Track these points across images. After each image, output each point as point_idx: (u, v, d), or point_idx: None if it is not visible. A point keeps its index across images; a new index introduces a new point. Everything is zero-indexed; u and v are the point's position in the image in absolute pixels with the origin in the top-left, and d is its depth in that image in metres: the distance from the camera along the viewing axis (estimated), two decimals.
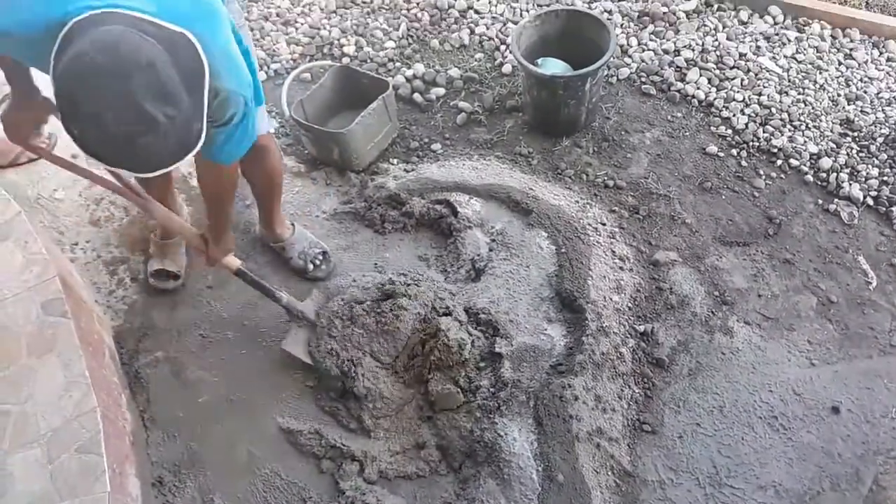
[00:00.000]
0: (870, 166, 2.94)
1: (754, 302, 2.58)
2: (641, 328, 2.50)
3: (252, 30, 3.83)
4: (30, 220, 2.62)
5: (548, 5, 3.77)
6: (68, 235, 2.92)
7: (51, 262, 2.43)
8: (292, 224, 2.82)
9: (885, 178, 2.89)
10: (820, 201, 2.87)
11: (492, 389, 2.34)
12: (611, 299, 2.55)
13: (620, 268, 2.66)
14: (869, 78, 3.30)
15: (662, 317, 2.54)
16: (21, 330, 2.23)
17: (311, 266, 2.76)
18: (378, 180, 3.06)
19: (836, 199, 2.87)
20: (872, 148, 3.00)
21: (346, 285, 2.57)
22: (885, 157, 2.96)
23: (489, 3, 3.86)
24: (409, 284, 2.50)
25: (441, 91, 3.45)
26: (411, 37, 3.75)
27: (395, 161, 3.17)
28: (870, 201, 2.85)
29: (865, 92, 3.23)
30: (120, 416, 2.26)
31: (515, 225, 2.83)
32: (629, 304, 2.57)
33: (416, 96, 3.43)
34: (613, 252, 2.70)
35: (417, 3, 3.89)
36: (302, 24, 3.84)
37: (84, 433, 2.02)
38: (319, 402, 2.42)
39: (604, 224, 2.80)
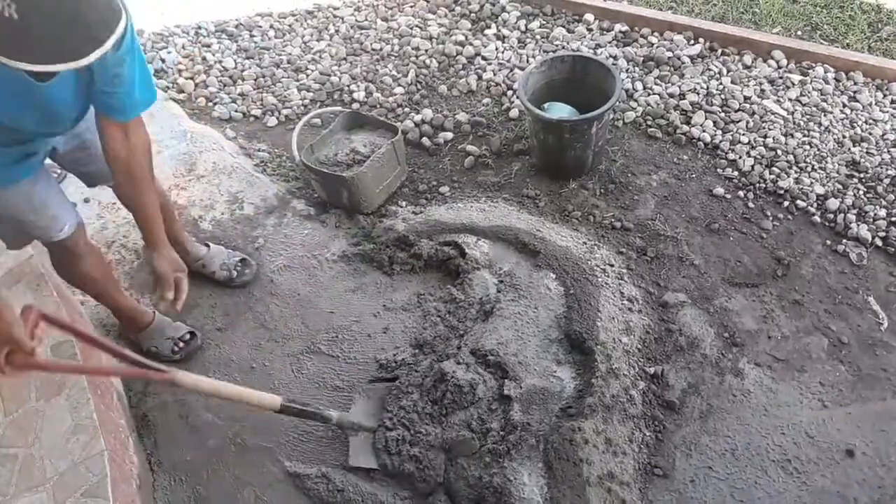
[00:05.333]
0: (877, 207, 2.94)
1: (764, 343, 2.56)
2: (651, 370, 2.48)
3: (263, 76, 3.92)
4: (41, 263, 2.64)
5: (554, 51, 3.84)
6: None
7: (61, 305, 2.44)
8: (206, 244, 2.95)
9: (894, 219, 2.89)
10: (828, 242, 2.87)
11: (501, 433, 2.32)
12: (620, 341, 2.54)
13: (629, 309, 2.65)
14: (874, 120, 3.32)
15: (672, 359, 2.52)
16: (32, 373, 2.24)
17: (234, 273, 2.89)
18: (387, 222, 3.09)
19: (844, 240, 2.86)
20: (879, 189, 3.01)
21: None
22: (893, 197, 2.97)
23: (496, 49, 3.93)
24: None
25: (449, 135, 3.50)
26: (420, 83, 3.82)
27: (404, 203, 3.20)
28: (878, 242, 2.84)
29: (870, 134, 3.25)
30: (127, 459, 2.24)
31: (523, 266, 2.84)
32: (639, 346, 2.55)
33: (425, 140, 3.48)
34: (622, 293, 2.70)
35: (426, 51, 3.97)
36: (312, 70, 3.92)
37: (91, 477, 2.01)
38: (326, 448, 2.40)
39: (612, 265, 2.80)
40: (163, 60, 4.03)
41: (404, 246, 2.95)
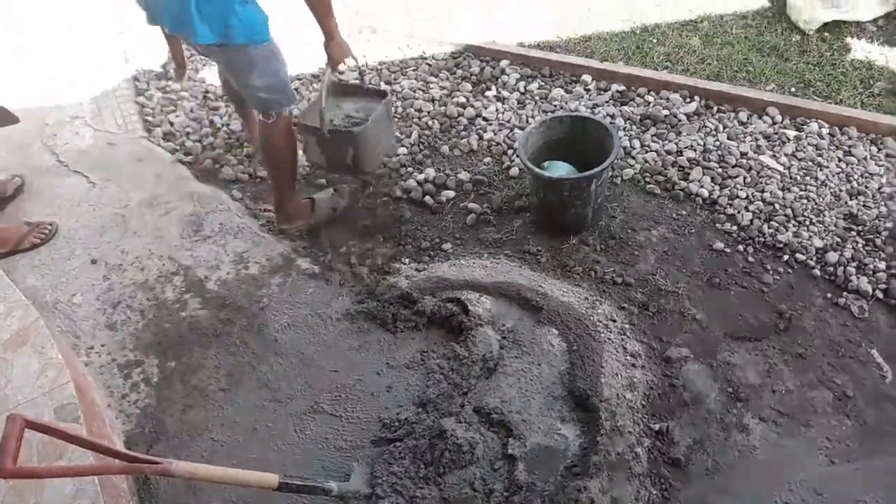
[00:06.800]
0: (876, 260, 2.96)
1: (769, 398, 2.55)
2: (656, 427, 2.46)
3: None
4: (48, 324, 2.67)
5: (552, 111, 3.92)
6: (84, 339, 2.96)
7: (66, 367, 2.46)
8: None
9: (893, 272, 2.90)
10: (829, 295, 2.88)
11: (505, 493, 2.29)
12: (624, 397, 2.53)
13: (633, 365, 2.65)
14: (869, 173, 3.36)
15: (677, 414, 2.51)
16: (32, 436, 2.24)
17: None
18: (390, 279, 3.11)
19: (844, 293, 2.87)
20: (878, 241, 3.03)
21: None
22: (892, 250, 2.99)
23: (496, 110, 4.02)
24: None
25: (451, 193, 3.55)
26: (423, 143, 3.90)
27: (407, 260, 3.23)
28: (879, 294, 2.85)
29: (867, 187, 3.29)
30: None
31: (526, 322, 2.85)
32: (643, 402, 2.54)
33: (428, 199, 3.54)
34: (625, 349, 2.70)
35: (428, 112, 4.06)
36: None
37: None
38: None
39: (614, 321, 2.81)
40: (171, 123, 4.13)
41: (407, 303, 2.97)
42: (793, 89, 3.96)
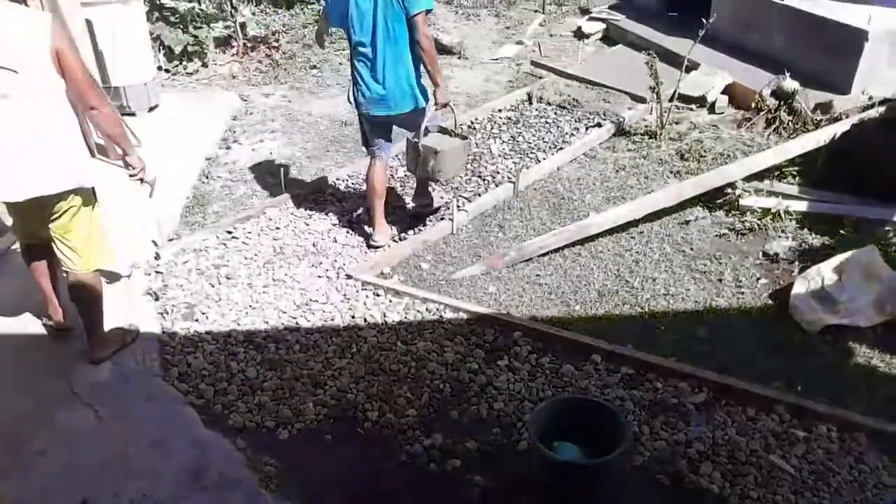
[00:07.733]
0: None
1: None
2: None
3: (282, 388, 4.05)
4: None
5: (563, 387, 3.99)
6: None
7: None
8: None
9: None
10: None
11: None
12: None
13: None
14: (883, 484, 3.31)
15: None
16: None
17: None
18: None
19: None
20: None
21: None
22: None
23: (507, 380, 4.10)
24: None
25: (457, 462, 3.51)
26: (432, 406, 3.93)
27: None
28: None
29: (881, 499, 3.22)
30: None
31: None
32: None
33: (433, 466, 3.49)
34: None
35: (441, 375, 4.14)
36: (331, 386, 4.06)
37: None
38: None
39: None
40: (188, 365, 4.21)
41: None
42: (799, 388, 4.03)
